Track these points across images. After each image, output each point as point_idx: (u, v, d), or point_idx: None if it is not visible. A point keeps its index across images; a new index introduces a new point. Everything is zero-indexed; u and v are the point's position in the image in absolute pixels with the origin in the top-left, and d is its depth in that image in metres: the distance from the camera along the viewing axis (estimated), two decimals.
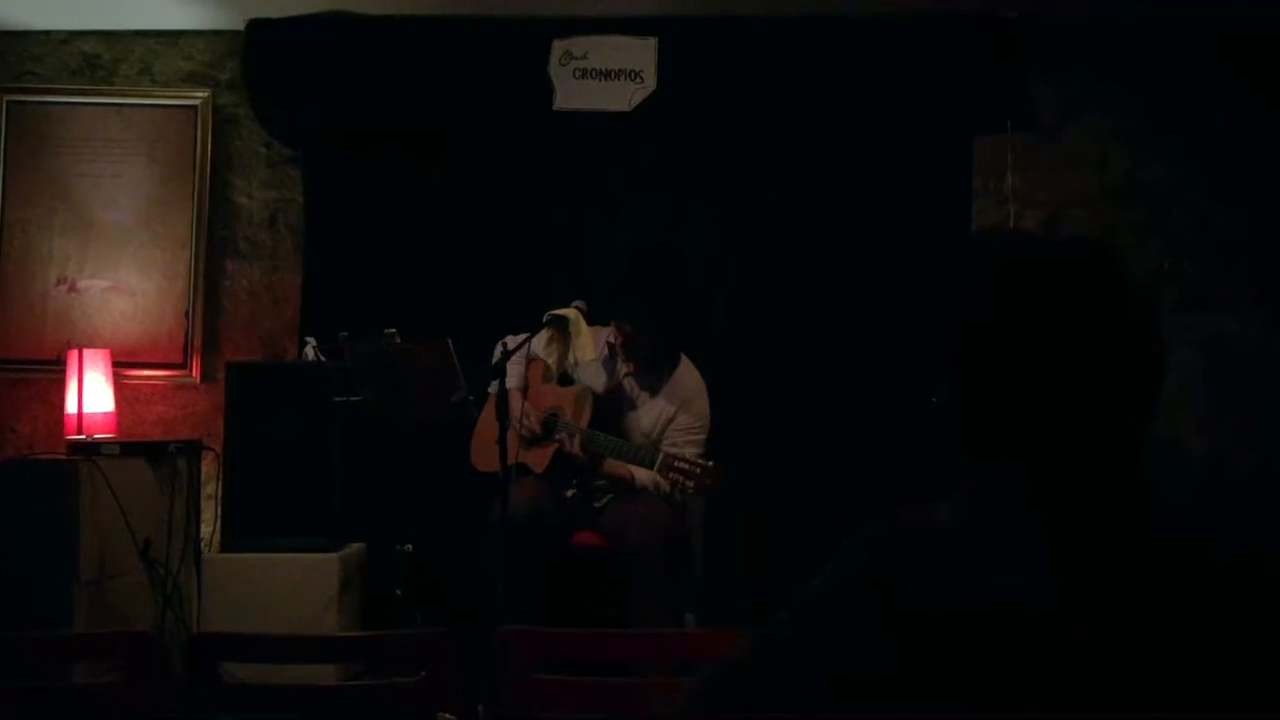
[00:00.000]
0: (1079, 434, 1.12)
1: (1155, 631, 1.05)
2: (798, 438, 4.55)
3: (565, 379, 4.09)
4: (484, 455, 4.07)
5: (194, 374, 4.89)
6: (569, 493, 3.99)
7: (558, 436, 3.91)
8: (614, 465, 3.96)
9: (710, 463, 3.67)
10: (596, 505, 4.00)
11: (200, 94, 4.95)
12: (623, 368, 4.06)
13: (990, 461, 1.16)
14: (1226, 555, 1.10)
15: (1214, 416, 4.56)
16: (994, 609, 1.06)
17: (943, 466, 1.19)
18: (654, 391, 4.03)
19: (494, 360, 3.92)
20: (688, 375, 4.05)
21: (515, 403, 3.92)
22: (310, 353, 4.35)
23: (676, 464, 3.65)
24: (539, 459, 3.98)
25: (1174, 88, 4.66)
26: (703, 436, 3.95)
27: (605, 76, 4.68)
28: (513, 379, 3.93)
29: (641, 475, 3.93)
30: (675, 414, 3.98)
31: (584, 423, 3.93)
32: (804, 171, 4.72)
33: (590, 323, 3.97)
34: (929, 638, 1.05)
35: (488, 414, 4.12)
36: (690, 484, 3.63)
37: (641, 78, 4.67)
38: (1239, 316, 4.66)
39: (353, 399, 4.05)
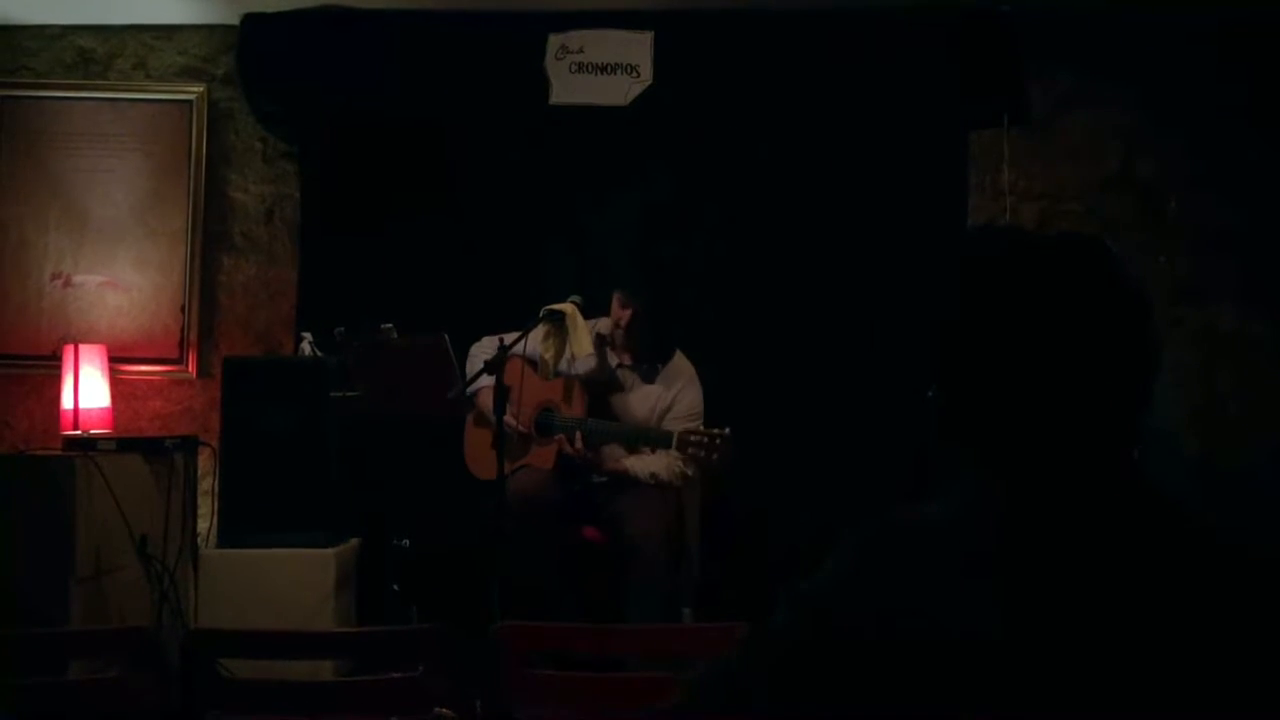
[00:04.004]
0: (1072, 430, 1.12)
1: (1148, 625, 1.05)
2: (794, 431, 4.55)
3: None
4: (481, 463, 4.05)
5: (190, 369, 4.89)
6: (576, 487, 3.98)
7: (557, 438, 3.90)
8: (613, 462, 3.96)
9: (726, 430, 3.66)
10: (597, 501, 4.00)
11: (195, 88, 4.94)
12: (615, 358, 4.06)
13: (984, 457, 1.16)
14: (1222, 550, 1.10)
15: (1207, 411, 4.57)
16: (982, 608, 1.06)
17: (938, 461, 1.19)
18: (648, 379, 4.04)
19: (474, 364, 3.91)
20: (683, 364, 4.07)
21: (485, 401, 3.92)
22: (306, 348, 4.35)
23: (693, 438, 3.65)
24: (544, 457, 3.97)
25: (1169, 81, 4.66)
26: (699, 424, 3.96)
27: (601, 71, 4.67)
28: (484, 380, 3.84)
29: (638, 467, 3.93)
30: (671, 401, 3.98)
31: (580, 413, 3.93)
32: (800, 165, 4.71)
33: (587, 317, 3.97)
34: (921, 635, 1.06)
35: (474, 420, 4.11)
36: (713, 456, 3.62)
37: (638, 72, 4.66)
38: (1233, 310, 4.66)
39: (349, 394, 4.05)
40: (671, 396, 4.00)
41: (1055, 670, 1.04)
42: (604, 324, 4.08)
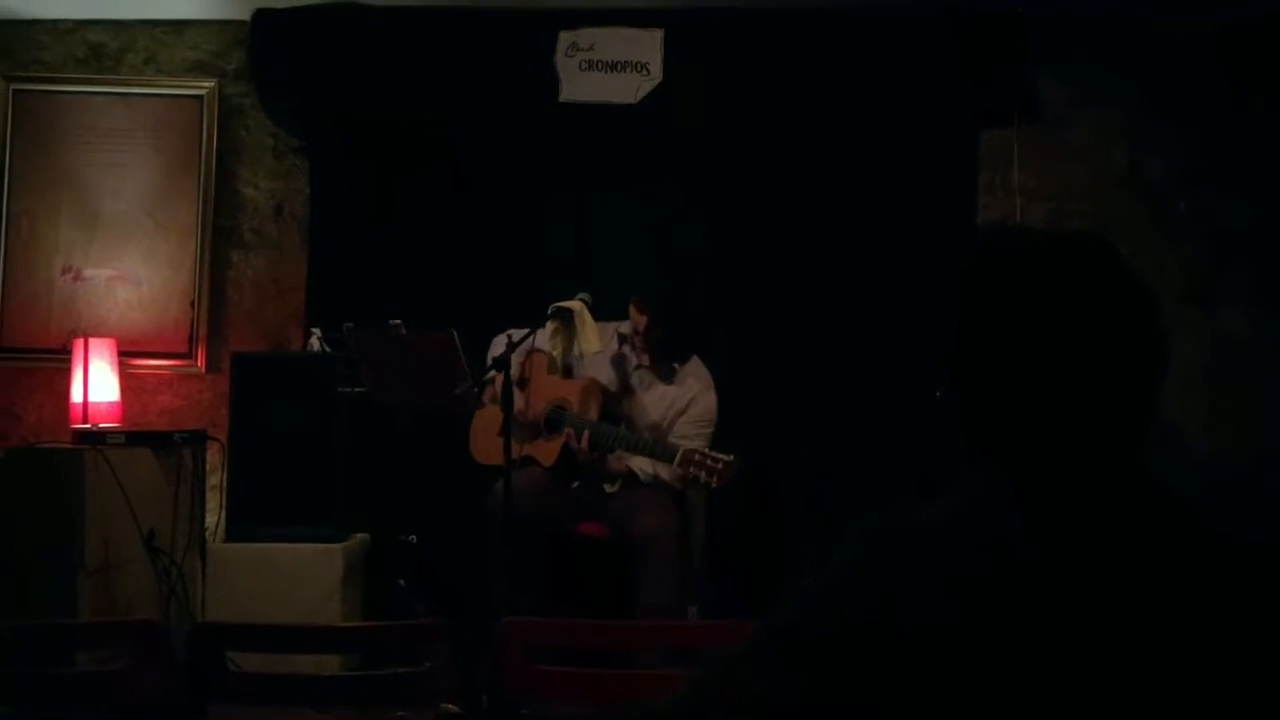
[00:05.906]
0: (1080, 429, 1.12)
1: (1162, 623, 1.05)
2: (802, 430, 4.54)
3: (568, 372, 4.08)
4: (485, 448, 4.06)
5: (199, 364, 4.90)
6: (575, 484, 3.99)
7: (566, 431, 3.90)
8: (617, 462, 3.95)
9: (730, 457, 3.64)
10: (608, 489, 3.99)
11: (206, 84, 4.95)
12: (634, 359, 4.05)
13: (992, 455, 1.16)
14: (1236, 547, 1.10)
15: (1214, 411, 4.56)
16: (990, 606, 1.06)
17: (946, 460, 1.19)
18: (665, 381, 4.03)
19: (495, 353, 3.92)
20: (700, 370, 4.06)
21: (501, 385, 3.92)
22: (315, 343, 4.36)
23: (696, 458, 3.63)
24: (547, 452, 3.97)
25: (1177, 81, 4.66)
26: (710, 430, 3.95)
27: (611, 68, 4.67)
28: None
29: (644, 466, 3.93)
30: (687, 404, 3.97)
31: (592, 415, 3.92)
32: (810, 164, 4.70)
33: (595, 315, 3.96)
34: (926, 633, 1.06)
35: (486, 407, 4.12)
36: (713, 480, 3.61)
37: (648, 69, 4.66)
38: (1240, 310, 4.65)
39: (357, 390, 4.05)
40: (687, 400, 3.99)
41: (1066, 668, 1.04)
42: (626, 325, 4.07)
